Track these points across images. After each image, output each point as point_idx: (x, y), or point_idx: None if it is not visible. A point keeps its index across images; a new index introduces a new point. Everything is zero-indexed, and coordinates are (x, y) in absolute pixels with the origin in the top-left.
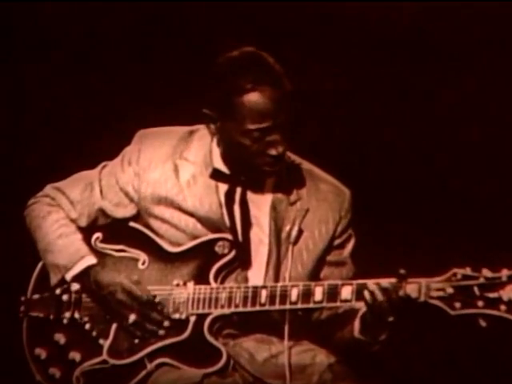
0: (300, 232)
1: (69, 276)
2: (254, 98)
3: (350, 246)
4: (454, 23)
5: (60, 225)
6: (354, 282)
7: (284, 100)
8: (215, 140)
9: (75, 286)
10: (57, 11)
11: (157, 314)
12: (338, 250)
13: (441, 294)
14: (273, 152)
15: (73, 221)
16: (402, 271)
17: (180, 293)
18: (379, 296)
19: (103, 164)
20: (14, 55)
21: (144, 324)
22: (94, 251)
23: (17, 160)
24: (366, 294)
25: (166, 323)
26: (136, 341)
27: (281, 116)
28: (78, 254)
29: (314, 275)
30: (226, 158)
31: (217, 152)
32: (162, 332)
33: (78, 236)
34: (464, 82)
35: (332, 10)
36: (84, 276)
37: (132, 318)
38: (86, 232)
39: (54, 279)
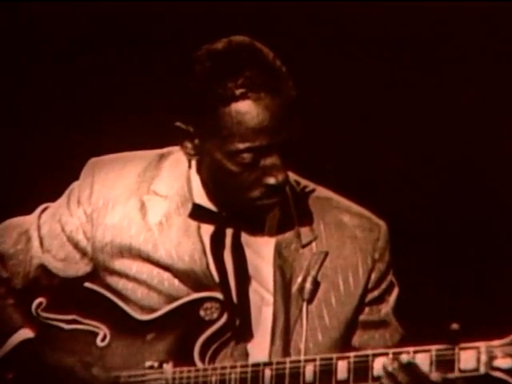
0: (317, 284)
1: None
2: (244, 107)
3: (391, 298)
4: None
5: None
6: (391, 350)
7: (285, 110)
8: (194, 165)
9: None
10: None
11: None
12: (376, 305)
13: (508, 362)
14: (270, 181)
15: (3, 281)
16: (455, 326)
17: (155, 379)
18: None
19: (43, 206)
20: None
21: None
22: (37, 323)
23: None
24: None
25: None
26: None
27: (281, 132)
28: (7, 325)
29: (343, 345)
30: (209, 189)
31: (197, 181)
32: None
33: (8, 301)
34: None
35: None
36: (18, 356)
37: None
38: (24, 295)
39: None
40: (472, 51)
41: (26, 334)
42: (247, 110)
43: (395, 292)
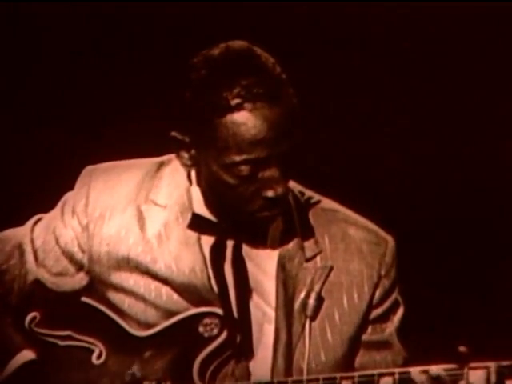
0: (320, 300)
1: None
2: (240, 118)
3: (396, 318)
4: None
5: None
6: (396, 370)
7: (285, 120)
8: (194, 174)
9: None
10: None
11: None
12: (379, 324)
13: None
14: (269, 194)
15: None
16: (463, 349)
17: None
18: None
19: (36, 217)
20: None
21: None
22: (31, 339)
23: None
24: None
25: None
26: None
27: (280, 143)
28: (6, 347)
29: (346, 364)
30: (208, 199)
31: (197, 191)
32: None
33: (6, 321)
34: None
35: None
36: (21, 379)
37: None
38: (20, 311)
39: None
40: (472, 51)
41: (27, 355)
42: (243, 121)
43: (400, 311)
